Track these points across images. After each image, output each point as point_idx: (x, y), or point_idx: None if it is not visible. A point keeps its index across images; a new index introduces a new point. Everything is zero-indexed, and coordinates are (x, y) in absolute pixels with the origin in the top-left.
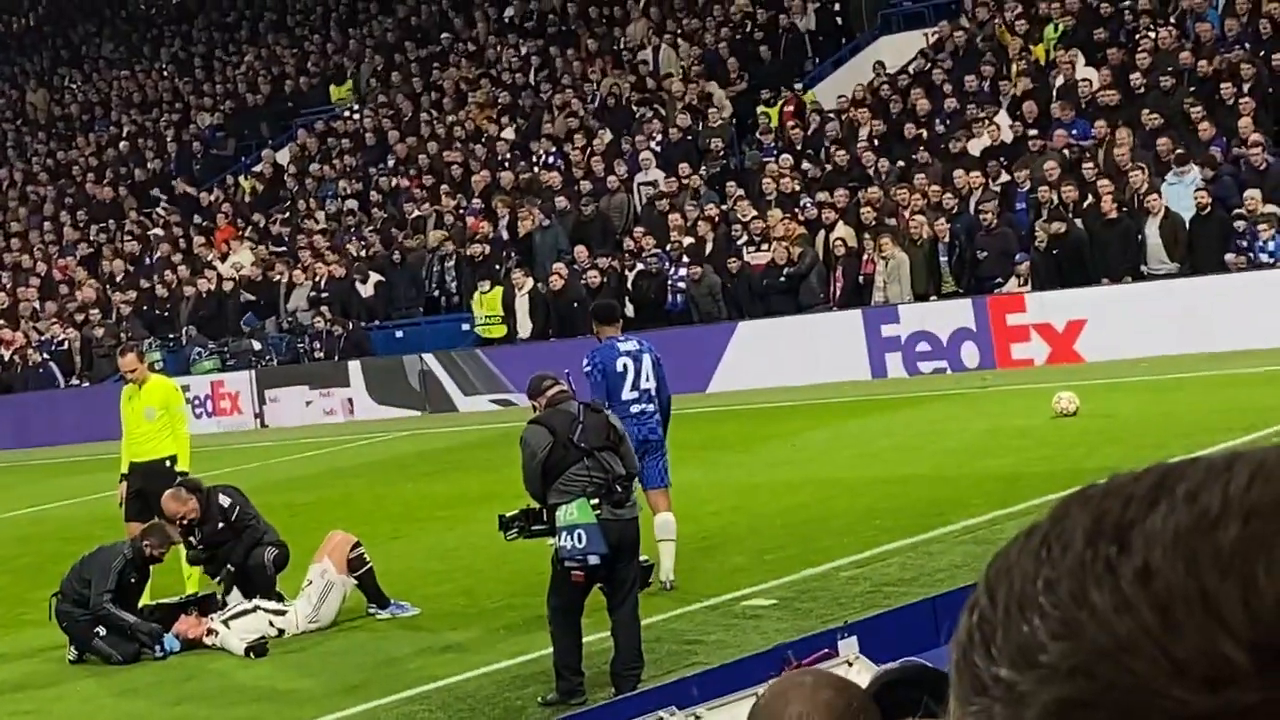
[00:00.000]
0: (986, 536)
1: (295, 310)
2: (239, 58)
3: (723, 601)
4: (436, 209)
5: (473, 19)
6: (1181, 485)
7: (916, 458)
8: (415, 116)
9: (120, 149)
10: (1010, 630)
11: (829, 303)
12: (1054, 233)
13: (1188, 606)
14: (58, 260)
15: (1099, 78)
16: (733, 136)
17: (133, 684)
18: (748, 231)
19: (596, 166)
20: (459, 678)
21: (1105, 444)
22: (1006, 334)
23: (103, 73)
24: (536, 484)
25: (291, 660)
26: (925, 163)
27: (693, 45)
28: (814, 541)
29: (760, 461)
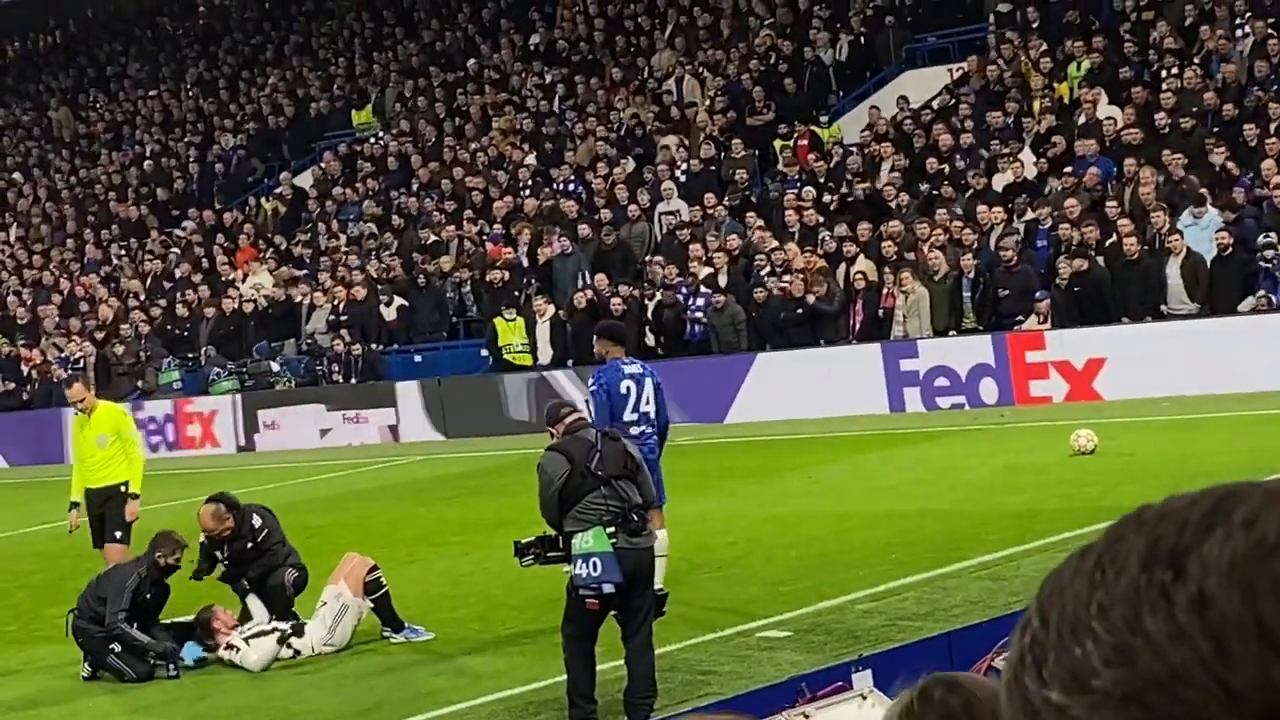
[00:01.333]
0: (1002, 573)
1: (314, 332)
2: (263, 80)
3: (737, 632)
4: (458, 234)
5: (498, 45)
6: (1239, 511)
7: (933, 492)
8: (438, 141)
9: (144, 168)
10: (1062, 654)
11: (848, 336)
12: (1075, 270)
13: (1243, 636)
14: (79, 278)
15: (1123, 116)
16: (755, 168)
17: (145, 701)
18: (770, 262)
19: (619, 195)
20: (472, 703)
21: (1123, 483)
22: (1025, 371)
23: (127, 92)
24: (553, 511)
25: (305, 681)
26: (948, 198)
27: (717, 76)
28: (829, 574)
29: (777, 493)
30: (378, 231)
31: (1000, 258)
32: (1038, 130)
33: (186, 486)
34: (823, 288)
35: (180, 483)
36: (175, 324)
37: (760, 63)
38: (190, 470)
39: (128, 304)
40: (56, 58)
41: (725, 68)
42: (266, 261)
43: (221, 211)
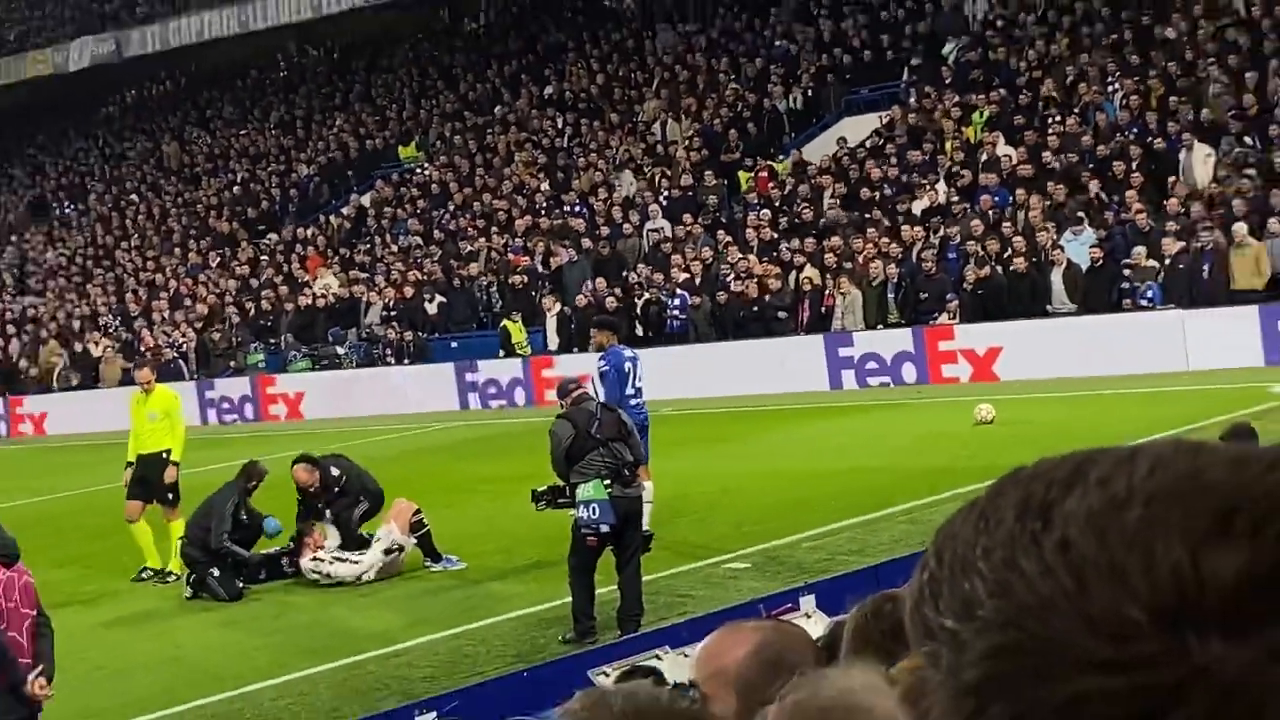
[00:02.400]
0: (920, 518)
1: (371, 324)
2: (332, 121)
3: (708, 564)
4: (486, 245)
5: (519, 95)
6: (1094, 472)
7: (865, 453)
8: (471, 172)
9: (235, 192)
10: (954, 588)
11: (797, 329)
12: (979, 277)
13: (1098, 574)
14: (184, 279)
15: (1017, 154)
16: (725, 194)
17: (234, 618)
18: (735, 270)
19: (615, 215)
20: (497, 619)
21: (1016, 446)
22: (938, 357)
23: (223, 130)
24: (561, 466)
25: (362, 602)
26: (877, 219)
27: (694, 121)
28: (782, 518)
29: (740, 453)
30: (422, 243)
31: (921, 267)
32: (949, 165)
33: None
34: (777, 290)
35: (266, 443)
36: (260, 316)
37: (729, 110)
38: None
39: (223, 300)
40: (167, 102)
41: (701, 114)
42: (333, 266)
43: (297, 227)
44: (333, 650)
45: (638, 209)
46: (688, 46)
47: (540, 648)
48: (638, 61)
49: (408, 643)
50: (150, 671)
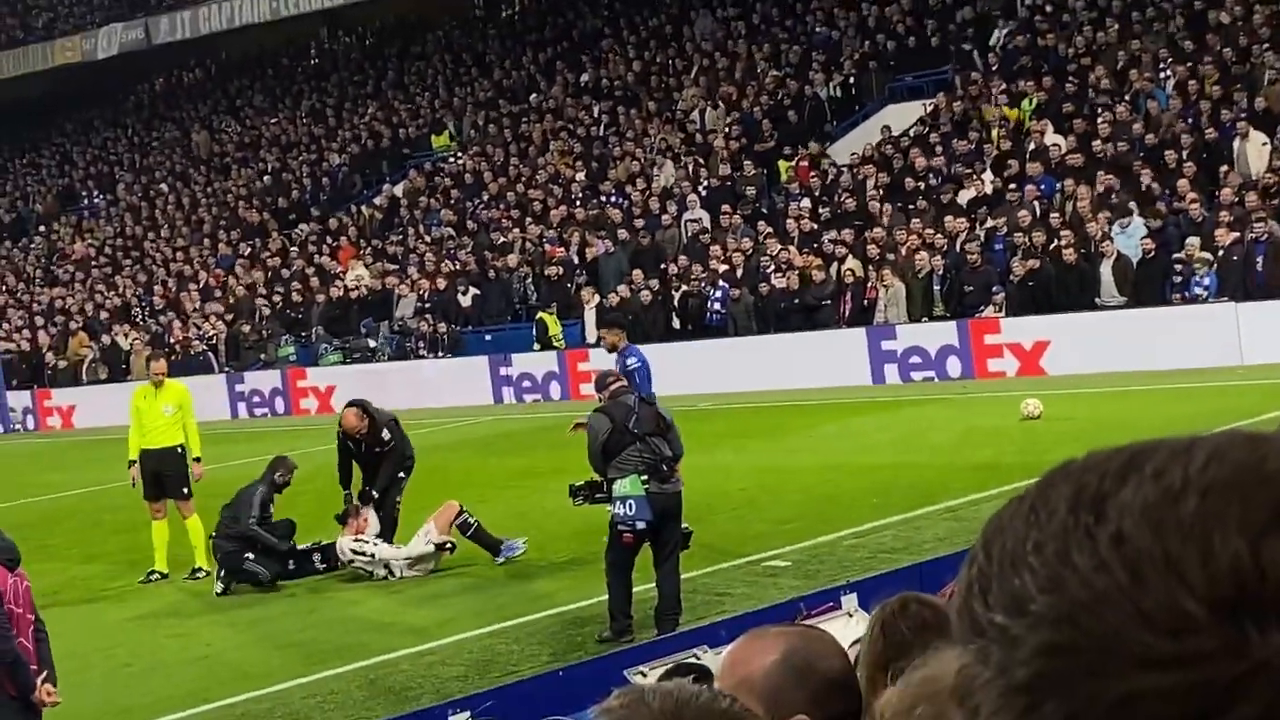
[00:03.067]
0: (965, 515)
1: (403, 316)
2: (364, 110)
3: (747, 561)
4: (521, 236)
5: (554, 82)
6: (1149, 464)
7: (908, 449)
8: (506, 161)
9: (265, 181)
10: (1004, 583)
11: (839, 321)
12: (1028, 269)
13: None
14: (214, 270)
15: (1065, 144)
16: (764, 184)
17: (267, 613)
18: (775, 261)
19: (652, 205)
20: (532, 616)
21: (1064, 442)
22: (984, 351)
23: (253, 119)
24: (598, 461)
25: (394, 599)
26: (921, 210)
27: (732, 109)
28: (823, 515)
29: (780, 448)
30: (455, 234)
31: (966, 259)
32: (996, 154)
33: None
34: (818, 282)
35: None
36: (291, 308)
37: (769, 98)
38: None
39: (253, 292)
40: (197, 90)
41: (740, 102)
42: (365, 258)
43: (329, 217)
44: (364, 648)
45: (676, 199)
46: (727, 33)
47: (576, 646)
48: (676, 48)
49: (440, 641)
50: (180, 669)
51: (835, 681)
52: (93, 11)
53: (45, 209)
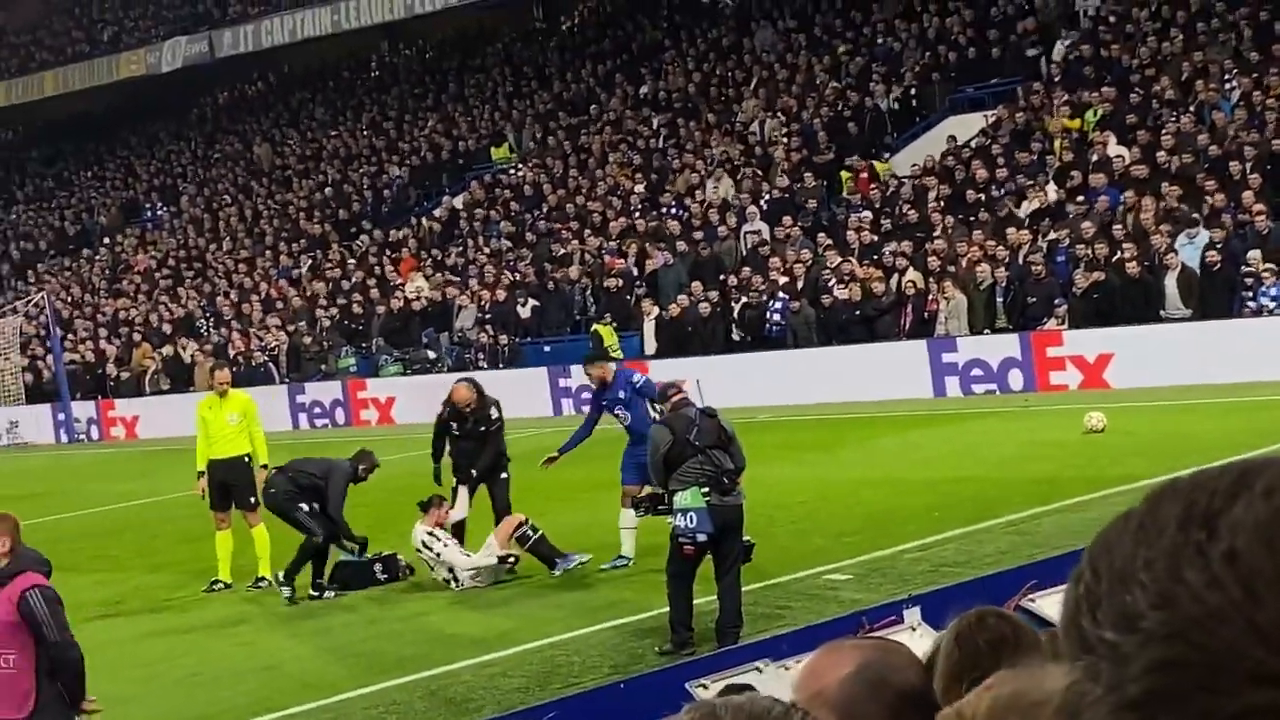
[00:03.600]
0: (1027, 529)
1: (463, 328)
2: (424, 122)
3: (808, 575)
4: (580, 248)
5: (613, 94)
6: (1259, 482)
7: (969, 463)
8: (565, 173)
9: (327, 193)
10: (1113, 600)
11: (899, 333)
12: (1092, 281)
13: (1268, 584)
14: (275, 281)
15: (1129, 155)
16: (824, 196)
17: (326, 626)
18: (835, 273)
19: (711, 217)
20: (591, 629)
21: (1128, 456)
22: (1046, 363)
23: (315, 132)
24: (660, 473)
25: (454, 611)
26: (983, 221)
27: (793, 120)
28: (884, 528)
29: (840, 461)
30: (514, 245)
31: (1030, 270)
32: (1058, 165)
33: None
34: (879, 294)
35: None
36: (351, 319)
37: (829, 109)
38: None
39: (314, 303)
40: (259, 103)
41: (800, 113)
42: (425, 269)
43: (389, 229)
44: (426, 659)
45: (735, 211)
46: (787, 44)
47: (637, 658)
48: (735, 60)
49: (502, 652)
50: (244, 679)
51: (910, 695)
52: (157, 25)
53: (109, 221)
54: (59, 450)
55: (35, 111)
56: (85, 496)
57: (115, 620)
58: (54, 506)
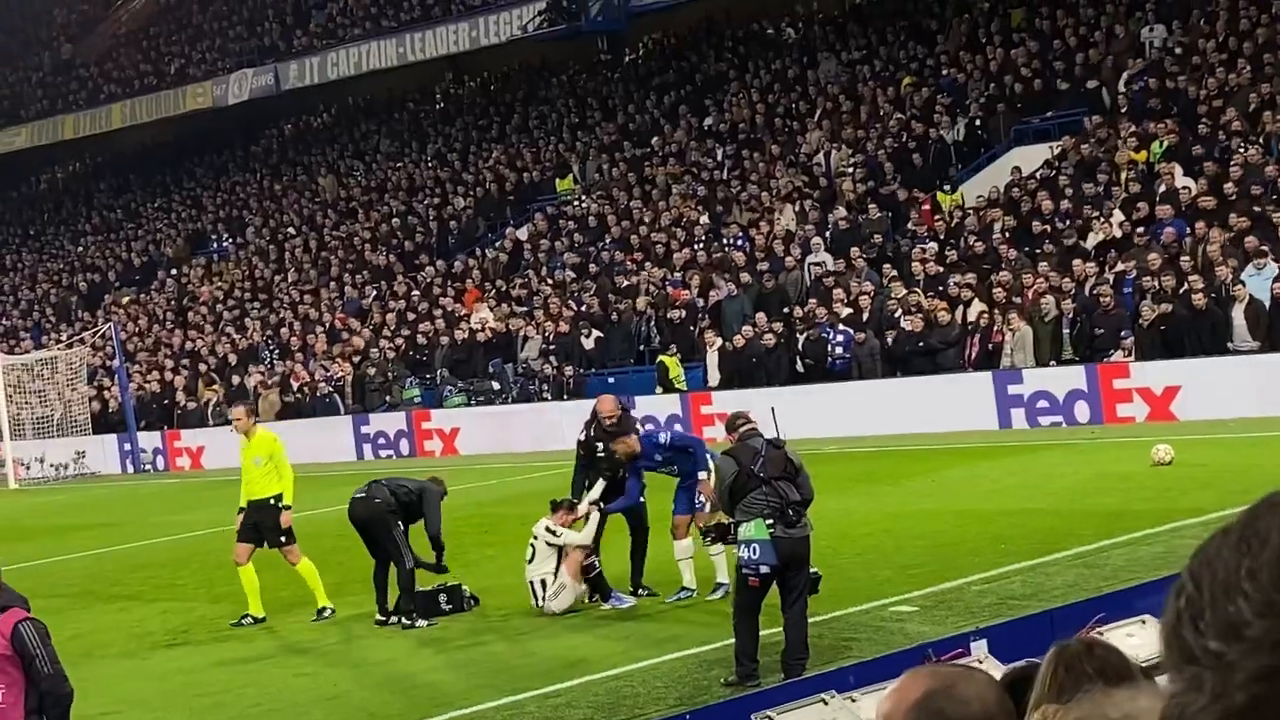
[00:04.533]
0: (1094, 561)
1: (528, 359)
2: (488, 154)
3: (874, 607)
4: (645, 279)
5: (678, 126)
6: None
7: (1036, 495)
8: (629, 204)
9: (392, 225)
10: (1217, 610)
11: (965, 365)
12: (1160, 313)
13: None
14: (339, 313)
15: (1196, 186)
16: (889, 227)
17: (390, 656)
18: (901, 304)
19: (776, 248)
20: (656, 660)
21: (1196, 489)
22: (1113, 396)
23: (380, 164)
24: (726, 504)
25: (518, 641)
26: (1048, 253)
27: (857, 152)
28: (950, 560)
29: (906, 493)
30: (578, 276)
31: (1099, 302)
32: (1124, 197)
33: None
34: (944, 325)
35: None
36: (416, 350)
37: (893, 140)
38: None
39: (379, 334)
40: (324, 135)
41: (864, 144)
42: (489, 300)
43: (453, 260)
44: (490, 690)
45: (799, 242)
46: (851, 76)
47: (702, 689)
48: (800, 91)
49: (566, 683)
50: (307, 710)
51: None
52: (223, 58)
53: (175, 252)
54: (125, 480)
55: (103, 144)
56: (151, 527)
57: (181, 649)
58: (120, 537)
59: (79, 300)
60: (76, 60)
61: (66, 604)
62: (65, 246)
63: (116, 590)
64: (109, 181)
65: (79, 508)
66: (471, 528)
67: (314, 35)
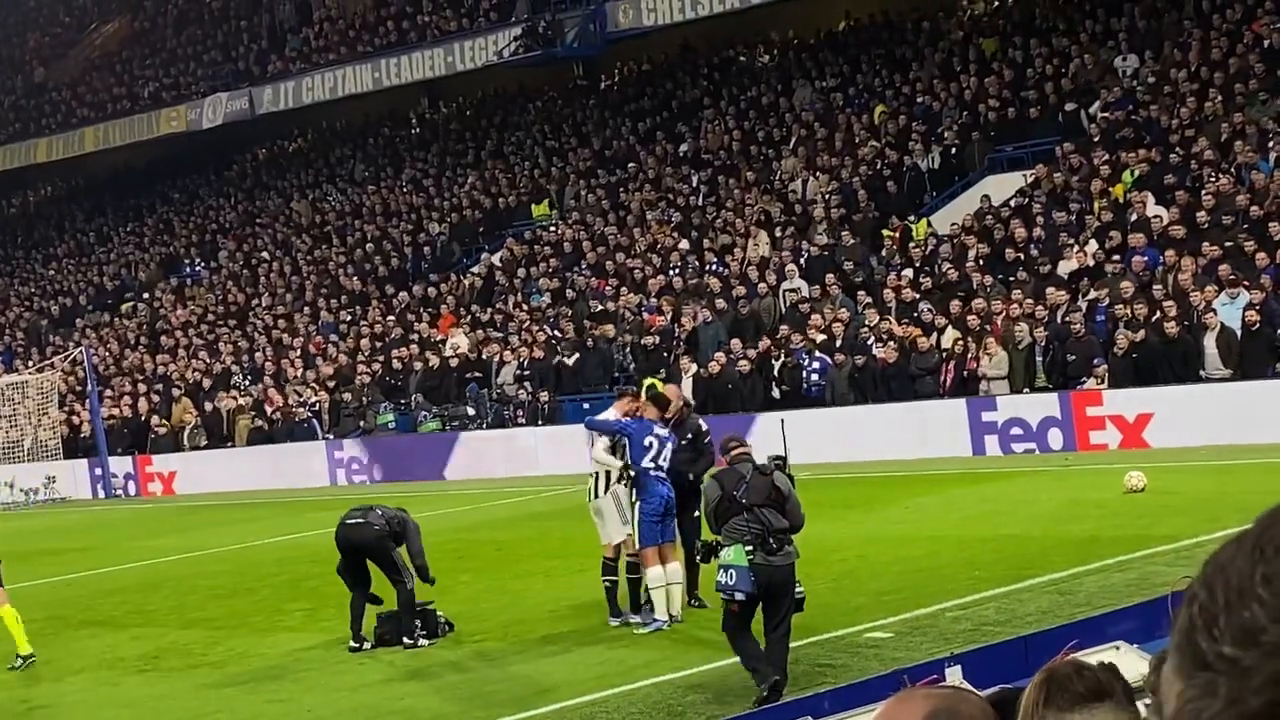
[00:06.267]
0: (1068, 588)
1: (503, 384)
2: (463, 179)
3: (849, 633)
4: (620, 305)
5: (653, 152)
6: None
7: (1009, 521)
8: (604, 230)
9: (366, 250)
10: (1232, 616)
11: (939, 392)
12: (1132, 341)
13: None
14: (314, 337)
15: (1168, 215)
16: (863, 254)
17: (364, 680)
18: (875, 331)
19: (751, 274)
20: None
21: (1169, 515)
22: (1086, 423)
23: (354, 188)
24: (713, 525)
25: (492, 668)
26: (1022, 280)
27: (832, 179)
28: (924, 587)
29: (880, 519)
30: (554, 302)
31: (1070, 330)
32: (1097, 225)
33: None
34: (921, 351)
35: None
36: (391, 376)
37: (868, 168)
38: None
39: (354, 359)
40: (299, 160)
41: (839, 172)
42: (464, 326)
43: (428, 286)
44: (465, 715)
45: (774, 269)
46: (826, 103)
47: (677, 715)
48: (775, 118)
49: (541, 709)
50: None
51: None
52: (198, 82)
53: (148, 277)
54: (96, 505)
55: (76, 168)
56: (122, 552)
57: (153, 675)
58: (91, 562)
59: (50, 324)
60: (49, 84)
61: (37, 629)
62: (37, 270)
63: (88, 616)
64: (81, 205)
65: (50, 533)
66: (445, 553)
67: (289, 60)
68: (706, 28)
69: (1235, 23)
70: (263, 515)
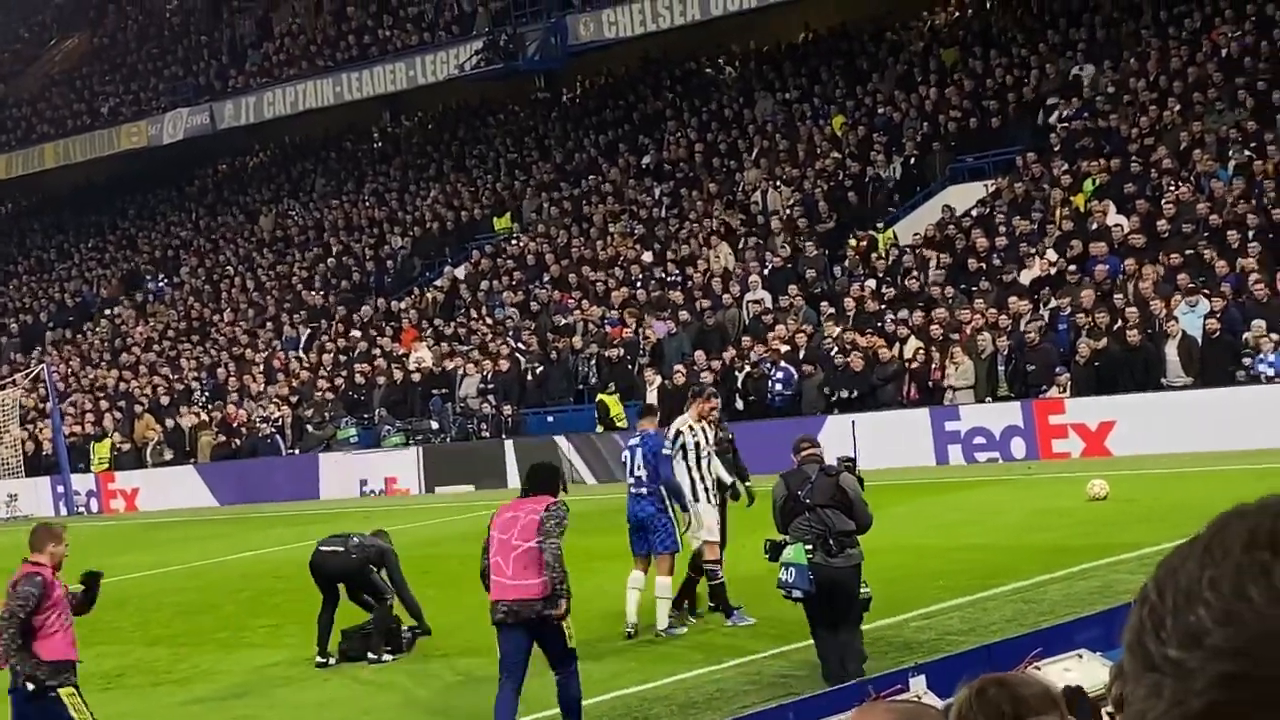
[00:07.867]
0: (1032, 596)
1: (466, 397)
2: (426, 192)
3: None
4: (583, 318)
5: (615, 164)
6: None
7: (973, 531)
8: (568, 243)
9: (329, 264)
10: (1179, 619)
11: (902, 401)
12: (1094, 349)
13: None
14: (277, 352)
15: (1129, 224)
16: (826, 265)
17: (330, 696)
18: (838, 342)
19: (714, 286)
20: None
21: (1132, 523)
22: (1049, 431)
23: (316, 202)
24: (779, 525)
25: (456, 685)
26: (984, 289)
27: (794, 190)
28: (888, 597)
29: None
30: (517, 315)
31: (1029, 339)
32: (1058, 234)
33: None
34: (884, 361)
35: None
36: (354, 390)
37: (829, 179)
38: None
39: (316, 373)
40: (260, 174)
41: (801, 183)
42: (427, 339)
43: (391, 299)
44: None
45: (737, 280)
46: (788, 115)
47: None
48: (737, 130)
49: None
50: None
51: None
52: (158, 97)
53: (109, 293)
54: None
55: (36, 184)
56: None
57: (116, 693)
58: None
59: (10, 342)
60: (9, 100)
61: None
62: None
63: None
64: (42, 222)
65: (12, 551)
66: (409, 568)
67: (250, 75)
68: (667, 40)
69: (1194, 32)
70: (226, 531)
